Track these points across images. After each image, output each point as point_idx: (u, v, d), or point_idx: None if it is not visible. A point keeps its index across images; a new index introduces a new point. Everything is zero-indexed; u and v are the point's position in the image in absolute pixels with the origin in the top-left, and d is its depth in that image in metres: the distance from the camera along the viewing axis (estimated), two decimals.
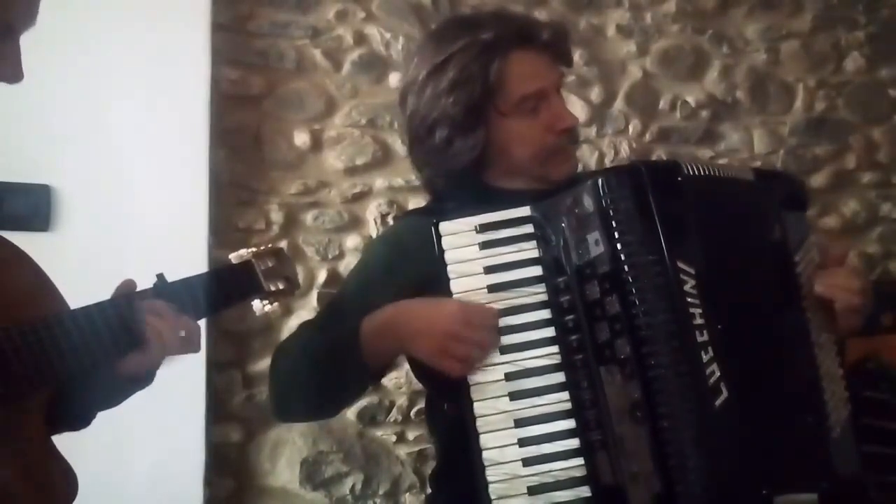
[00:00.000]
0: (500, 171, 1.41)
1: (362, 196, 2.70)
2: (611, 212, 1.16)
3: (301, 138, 2.66)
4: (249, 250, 1.34)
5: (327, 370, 1.29)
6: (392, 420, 2.66)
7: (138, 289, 1.19)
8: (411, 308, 1.24)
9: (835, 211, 3.09)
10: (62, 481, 1.14)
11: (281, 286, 1.34)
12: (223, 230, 2.55)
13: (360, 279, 1.43)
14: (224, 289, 1.27)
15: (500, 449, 1.14)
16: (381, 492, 2.66)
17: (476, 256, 1.21)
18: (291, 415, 1.54)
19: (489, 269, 1.20)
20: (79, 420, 1.24)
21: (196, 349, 1.19)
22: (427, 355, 1.23)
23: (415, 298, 1.25)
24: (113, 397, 1.22)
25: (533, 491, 1.13)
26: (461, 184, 1.40)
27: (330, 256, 2.67)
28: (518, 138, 1.36)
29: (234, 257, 1.33)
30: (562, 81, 1.41)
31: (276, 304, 1.34)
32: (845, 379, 1.26)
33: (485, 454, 1.14)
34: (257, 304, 1.33)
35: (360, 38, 2.73)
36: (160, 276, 1.20)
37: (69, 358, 1.08)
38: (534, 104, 1.35)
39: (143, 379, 1.19)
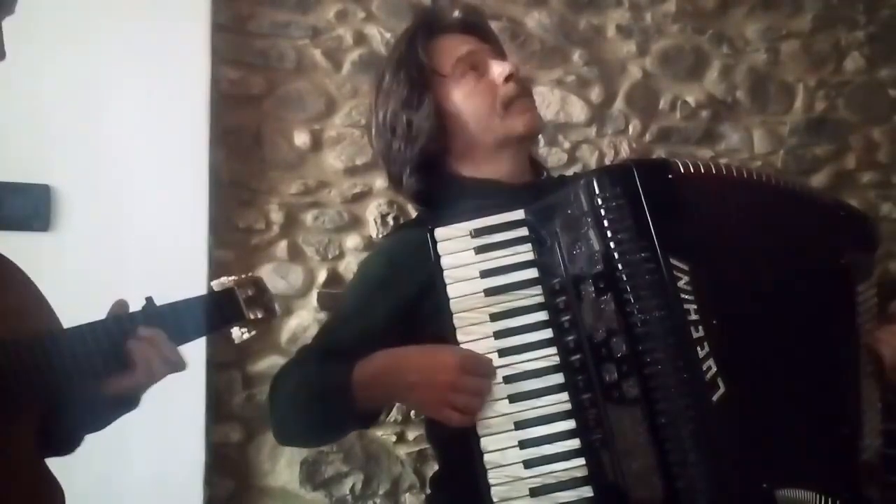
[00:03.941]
0: (465, 152, 1.43)
1: (362, 196, 2.70)
2: (603, 211, 1.16)
3: (301, 138, 2.66)
4: (231, 278, 1.35)
5: (320, 413, 1.29)
6: (392, 420, 2.66)
7: (130, 309, 1.21)
8: (405, 358, 1.22)
9: None
10: (50, 498, 1.14)
11: (260, 315, 1.35)
12: (223, 230, 2.55)
13: (357, 297, 1.43)
14: (208, 315, 1.28)
15: (501, 452, 1.13)
16: (381, 492, 2.66)
17: (472, 261, 1.20)
18: (291, 443, 1.66)
19: (485, 274, 1.19)
20: (66, 444, 1.24)
21: (182, 368, 1.21)
22: (425, 407, 1.24)
23: (408, 346, 1.24)
24: (99, 420, 1.23)
25: (535, 492, 1.12)
26: (434, 177, 1.42)
27: (330, 256, 2.67)
28: (466, 98, 1.42)
29: (216, 285, 1.35)
30: (496, 55, 1.47)
31: (254, 332, 1.35)
32: (882, 414, 1.28)
33: (486, 457, 1.13)
34: (236, 332, 1.34)
35: (360, 38, 2.73)
36: (149, 300, 1.21)
37: (61, 375, 1.09)
38: (472, 66, 1.43)
39: (129, 402, 1.19)
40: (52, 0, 2.18)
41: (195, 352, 2.32)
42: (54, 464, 1.19)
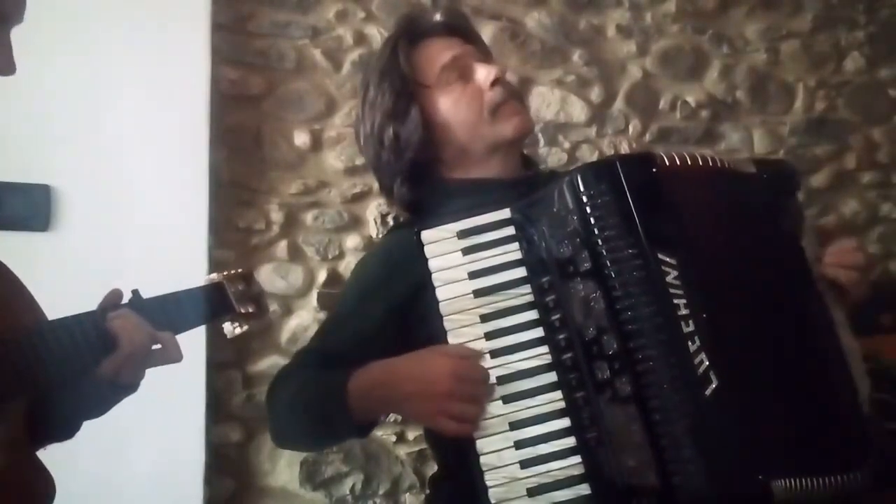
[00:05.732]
0: (455, 159, 1.43)
1: (362, 196, 2.70)
2: (588, 208, 1.15)
3: (301, 138, 2.66)
4: (221, 273, 1.36)
5: (316, 423, 1.29)
6: (392, 420, 2.66)
7: (124, 299, 1.22)
8: (399, 369, 1.22)
9: (835, 211, 3.10)
10: (40, 487, 1.15)
11: (251, 309, 1.36)
12: (223, 230, 2.56)
13: (353, 297, 1.43)
14: (196, 308, 1.28)
15: (497, 453, 1.13)
16: (381, 492, 2.66)
17: (460, 262, 1.20)
18: (288, 447, 1.67)
19: (473, 275, 1.19)
20: (64, 430, 1.25)
21: (178, 358, 1.21)
22: (422, 418, 1.24)
23: (402, 356, 1.22)
24: (97, 406, 1.23)
25: (532, 492, 1.12)
26: (425, 185, 1.42)
27: (330, 256, 2.67)
28: (453, 107, 1.40)
29: (205, 280, 1.35)
30: (481, 57, 1.45)
31: (245, 326, 1.36)
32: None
33: (482, 459, 1.13)
34: (228, 327, 1.35)
35: (360, 38, 2.73)
36: (135, 293, 1.22)
37: (48, 367, 1.10)
38: (457, 73, 1.41)
39: (125, 386, 1.19)
40: (52, 0, 2.18)
41: (195, 352, 2.33)
42: (54, 463, 1.19)
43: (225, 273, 1.37)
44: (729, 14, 3.06)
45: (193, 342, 1.26)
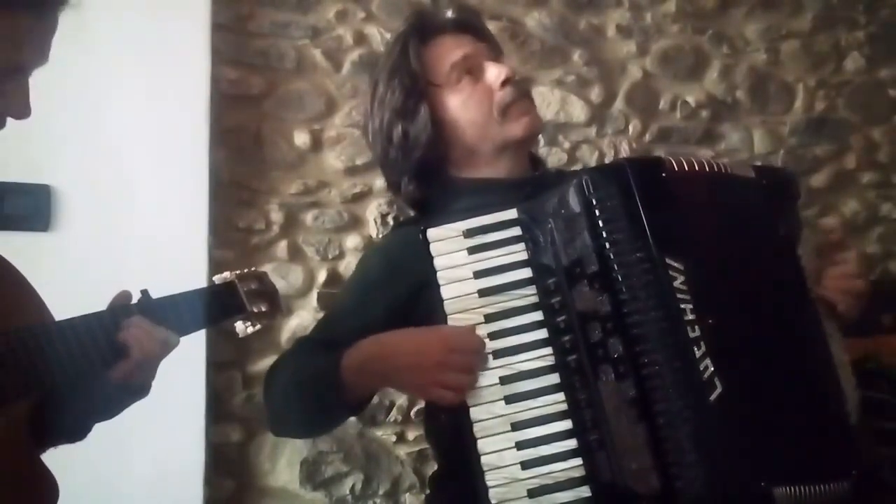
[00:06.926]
0: (463, 158, 1.43)
1: (362, 196, 2.70)
2: (597, 211, 1.15)
3: (301, 138, 2.66)
4: (234, 273, 1.35)
5: (310, 401, 1.29)
6: (392, 420, 2.66)
7: (133, 300, 1.21)
8: (392, 343, 1.23)
9: (835, 211, 3.10)
10: (42, 488, 1.15)
11: (264, 308, 1.35)
12: (223, 230, 2.56)
13: (355, 292, 1.43)
14: (207, 307, 1.28)
15: (498, 453, 1.13)
16: (381, 492, 2.66)
17: (465, 262, 1.20)
18: (285, 434, 1.66)
19: (479, 274, 1.19)
20: (75, 431, 1.25)
21: (175, 343, 1.21)
22: (416, 390, 1.25)
23: (393, 331, 1.24)
24: (108, 408, 1.23)
25: (533, 493, 1.12)
26: (433, 183, 1.42)
27: (330, 256, 2.67)
28: (463, 106, 1.40)
29: (217, 279, 1.35)
30: (492, 55, 1.45)
31: (258, 325, 1.35)
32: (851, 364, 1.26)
33: (483, 459, 1.13)
34: (240, 326, 1.35)
35: (360, 38, 2.73)
36: (144, 293, 1.22)
37: (54, 367, 1.09)
38: (466, 71, 1.41)
39: (137, 390, 1.19)
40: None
41: (195, 352, 2.33)
42: (54, 464, 1.19)
43: (238, 272, 1.36)
44: (729, 14, 3.06)
45: (193, 342, 1.25)
